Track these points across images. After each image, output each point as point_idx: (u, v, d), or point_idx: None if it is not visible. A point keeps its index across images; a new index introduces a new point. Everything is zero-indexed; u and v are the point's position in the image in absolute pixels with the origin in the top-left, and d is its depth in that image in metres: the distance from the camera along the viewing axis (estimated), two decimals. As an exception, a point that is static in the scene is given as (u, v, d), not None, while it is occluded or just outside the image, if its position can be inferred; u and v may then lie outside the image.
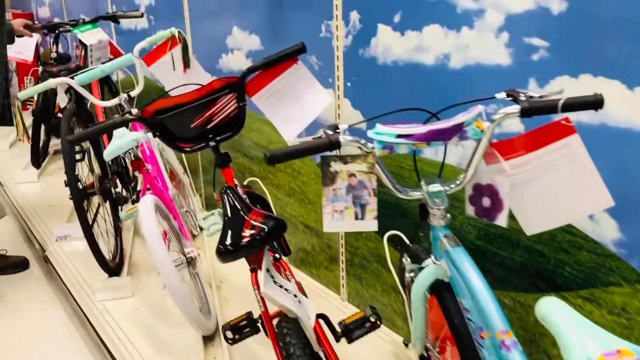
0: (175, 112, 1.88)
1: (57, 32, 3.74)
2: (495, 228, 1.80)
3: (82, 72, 2.68)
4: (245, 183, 2.91)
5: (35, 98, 4.52)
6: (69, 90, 2.76)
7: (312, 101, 1.95)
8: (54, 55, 4.49)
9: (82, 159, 3.32)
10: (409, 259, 1.52)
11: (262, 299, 1.68)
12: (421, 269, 1.50)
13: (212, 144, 1.94)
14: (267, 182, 2.92)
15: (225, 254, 1.38)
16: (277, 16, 2.58)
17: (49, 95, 4.39)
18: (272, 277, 1.45)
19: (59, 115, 4.97)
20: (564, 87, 1.50)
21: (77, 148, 3.36)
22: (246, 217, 1.43)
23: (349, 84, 2.24)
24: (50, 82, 2.62)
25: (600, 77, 1.43)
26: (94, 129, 1.82)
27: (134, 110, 1.90)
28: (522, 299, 1.76)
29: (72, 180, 2.57)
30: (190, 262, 2.29)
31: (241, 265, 2.84)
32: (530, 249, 1.70)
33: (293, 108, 1.96)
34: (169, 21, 3.56)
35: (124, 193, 3.16)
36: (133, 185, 3.21)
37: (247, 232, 1.40)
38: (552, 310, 0.96)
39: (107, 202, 2.94)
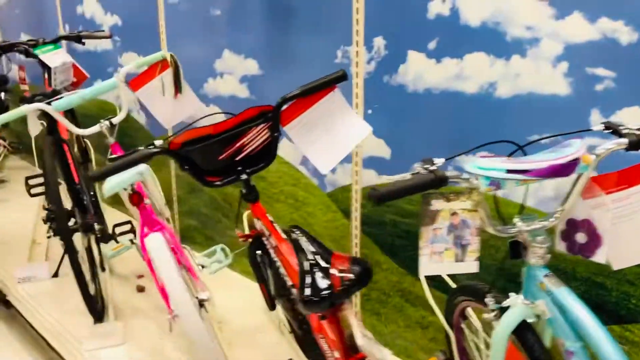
0: (206, 144, 1.73)
1: (12, 51, 3.41)
2: (545, 260, 1.76)
3: (58, 98, 2.45)
4: (245, 216, 2.74)
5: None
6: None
7: (348, 132, 1.84)
8: (-5, 76, 4.14)
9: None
10: (492, 299, 1.44)
11: (334, 346, 1.53)
12: (502, 309, 1.43)
13: (243, 176, 1.80)
14: (263, 214, 2.76)
15: (311, 304, 1.25)
16: (279, 40, 2.47)
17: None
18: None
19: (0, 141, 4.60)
20: (633, 118, 1.49)
21: (37, 180, 3.08)
22: (329, 263, 1.30)
23: (369, 111, 2.15)
24: (25, 108, 2.36)
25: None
26: (118, 163, 1.62)
27: (158, 142, 1.72)
28: (576, 331, 1.72)
29: (61, 216, 2.32)
30: (202, 304, 2.10)
31: (240, 305, 2.67)
32: (588, 280, 1.67)
33: (328, 139, 1.84)
34: (140, 42, 3.34)
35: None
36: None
37: (332, 281, 1.27)
38: None
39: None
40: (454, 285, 1.91)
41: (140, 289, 2.85)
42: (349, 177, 2.30)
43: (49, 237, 2.50)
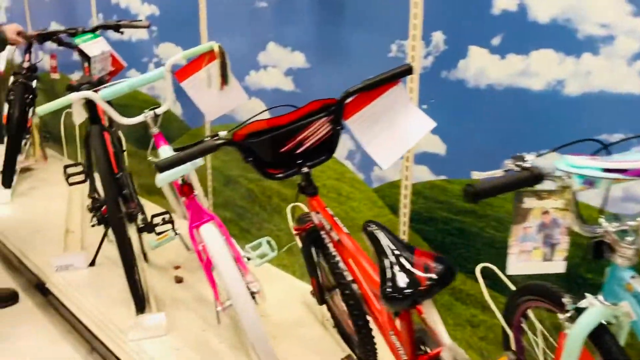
0: (268, 136, 1.71)
1: (51, 40, 3.41)
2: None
3: (105, 87, 2.45)
4: (289, 210, 2.72)
5: (5, 112, 4.14)
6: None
7: (410, 127, 1.83)
8: (26, 65, 4.13)
9: (84, 181, 3.04)
10: (570, 300, 1.42)
11: (405, 342, 1.51)
12: (578, 310, 1.40)
13: (305, 170, 1.78)
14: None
15: (393, 300, 1.23)
16: (329, 32, 2.44)
17: (20, 110, 4.04)
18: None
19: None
20: None
21: (75, 169, 3.09)
22: (412, 260, 1.29)
23: (425, 106, 2.13)
24: (73, 96, 2.36)
25: None
26: (184, 154, 1.61)
27: (222, 133, 1.70)
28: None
29: (113, 206, 2.31)
30: (253, 296, 2.08)
31: (280, 299, 2.66)
32: (657, 283, 1.64)
33: (389, 134, 1.82)
34: (178, 32, 3.33)
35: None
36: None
37: (416, 279, 1.26)
38: None
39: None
40: (513, 287, 1.90)
41: (179, 280, 2.84)
42: (397, 172, 2.28)
43: (93, 226, 2.50)
